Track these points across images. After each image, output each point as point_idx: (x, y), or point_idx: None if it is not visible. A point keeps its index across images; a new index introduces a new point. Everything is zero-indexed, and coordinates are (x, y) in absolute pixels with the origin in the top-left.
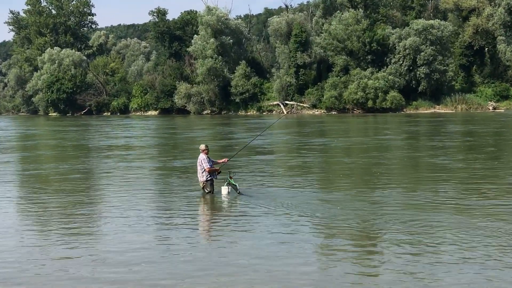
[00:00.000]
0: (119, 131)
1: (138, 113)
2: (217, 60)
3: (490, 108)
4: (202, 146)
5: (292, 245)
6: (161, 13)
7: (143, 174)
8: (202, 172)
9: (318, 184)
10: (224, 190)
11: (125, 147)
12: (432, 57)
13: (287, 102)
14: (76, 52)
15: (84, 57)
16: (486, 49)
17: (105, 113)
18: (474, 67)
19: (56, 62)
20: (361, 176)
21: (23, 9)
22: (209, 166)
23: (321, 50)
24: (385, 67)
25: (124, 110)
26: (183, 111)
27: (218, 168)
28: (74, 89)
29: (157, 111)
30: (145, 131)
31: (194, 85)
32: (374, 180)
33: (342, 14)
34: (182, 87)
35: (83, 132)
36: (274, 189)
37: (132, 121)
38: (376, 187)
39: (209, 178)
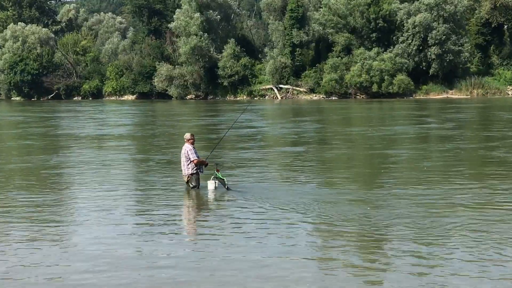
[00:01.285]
0: (91, 118)
1: (112, 98)
2: (202, 38)
3: (510, 93)
4: (187, 135)
5: (288, 247)
6: None
7: (118, 168)
8: (188, 164)
9: (347, 180)
10: (211, 184)
11: (98, 137)
12: (444, 36)
13: (281, 85)
14: (43, 28)
15: (52, 34)
16: (506, 26)
17: (76, 98)
18: (491, 47)
19: (20, 39)
20: (403, 171)
21: None
22: (196, 158)
23: (320, 27)
24: (392, 47)
25: (97, 94)
26: (164, 96)
27: (205, 160)
28: (40, 70)
29: (135, 96)
30: (121, 118)
31: (176, 66)
32: (419, 176)
33: None
34: (163, 69)
35: (51, 119)
36: (270, 184)
37: (106, 107)
38: (419, 183)
39: (195, 171)
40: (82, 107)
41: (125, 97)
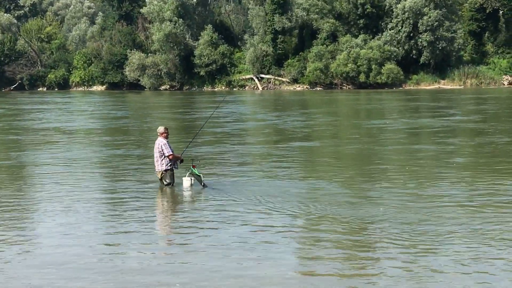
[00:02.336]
0: (56, 110)
1: (80, 88)
2: (177, 24)
3: (505, 83)
4: (161, 129)
5: (268, 249)
6: None
7: (86, 164)
8: (162, 160)
9: (368, 178)
10: (186, 182)
11: (65, 131)
12: (436, 22)
13: (262, 75)
14: (4, 13)
15: (14, 20)
16: (501, 12)
17: (40, 88)
18: (486, 34)
19: None
20: (427, 168)
21: None
22: (171, 152)
23: (304, 13)
24: (380, 34)
25: (64, 85)
26: (135, 86)
27: (180, 155)
28: (2, 58)
29: (104, 86)
30: (89, 110)
31: (149, 54)
32: (443, 173)
33: None
34: (135, 57)
35: (13, 112)
36: (254, 182)
37: (73, 98)
38: (441, 182)
39: (169, 168)
40: (47, 98)
41: (94, 88)
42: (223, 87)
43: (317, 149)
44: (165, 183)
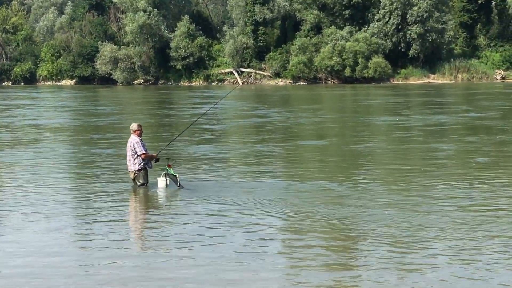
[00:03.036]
0: (21, 106)
1: (48, 83)
2: (152, 15)
3: (498, 77)
4: (134, 126)
5: (248, 250)
6: None
7: (54, 164)
8: (134, 159)
9: (382, 179)
10: (161, 182)
11: (32, 128)
12: (426, 13)
13: (242, 69)
14: None
15: None
16: (494, 2)
17: (5, 83)
18: (478, 26)
19: None
20: (445, 168)
21: None
22: (143, 151)
23: (286, 3)
24: (366, 25)
25: (30, 79)
26: (107, 81)
27: (155, 154)
28: None
29: (74, 80)
30: (57, 106)
31: (122, 46)
32: (462, 174)
33: None
34: (106, 50)
35: None
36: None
37: (40, 93)
38: (459, 182)
39: (142, 167)
40: (12, 93)
41: (63, 82)
42: (201, 82)
43: (325, 148)
44: (138, 183)
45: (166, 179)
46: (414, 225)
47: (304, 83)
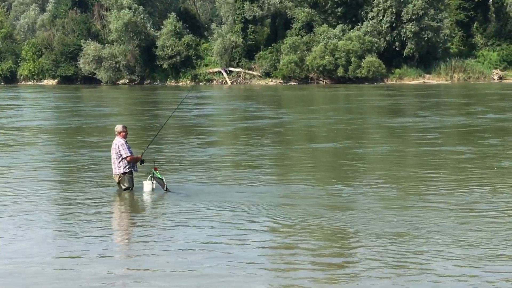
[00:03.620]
0: (3, 107)
1: (29, 83)
2: (137, 12)
3: (495, 77)
4: (119, 127)
5: (237, 261)
6: None
7: (36, 167)
8: (119, 162)
9: (393, 184)
10: (147, 186)
11: (11, 130)
12: (422, 11)
13: (231, 69)
14: None
15: None
16: (491, 0)
17: None
18: (475, 25)
19: None
20: (465, 173)
21: None
22: (129, 154)
23: (277, 0)
24: (360, 23)
25: (11, 79)
26: (91, 80)
27: (140, 156)
28: None
29: (56, 80)
30: (38, 107)
31: (106, 45)
32: (483, 178)
33: None
34: (90, 48)
35: None
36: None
37: (21, 93)
38: (480, 188)
39: (127, 170)
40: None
41: (45, 82)
42: (188, 82)
43: (339, 151)
44: (123, 187)
45: (152, 183)
46: (424, 232)
47: (295, 83)
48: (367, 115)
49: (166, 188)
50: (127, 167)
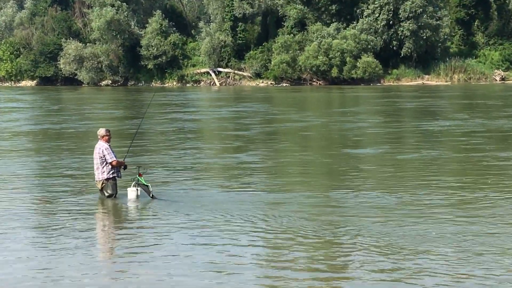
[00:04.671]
0: None
1: (7, 84)
2: (120, 10)
3: (497, 78)
4: (102, 131)
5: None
6: None
7: (13, 174)
8: (103, 167)
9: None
10: (131, 193)
11: None
12: (420, 8)
13: (220, 69)
14: None
15: None
16: None
17: None
18: (475, 23)
19: None
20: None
21: None
22: (114, 158)
23: None
24: (355, 21)
25: None
26: (72, 81)
27: (123, 161)
28: None
29: (35, 81)
30: (16, 110)
31: (88, 44)
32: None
33: None
34: (71, 48)
35: None
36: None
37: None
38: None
39: (111, 176)
40: None
41: (23, 83)
42: (175, 83)
43: (381, 157)
44: (106, 194)
45: (137, 189)
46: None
47: (287, 84)
48: (403, 118)
49: (152, 195)
50: (111, 172)
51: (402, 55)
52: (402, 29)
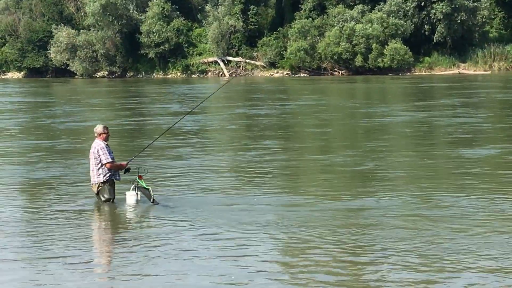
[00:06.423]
0: None
1: None
2: None
3: None
4: (99, 128)
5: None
6: None
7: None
8: (99, 169)
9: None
10: (131, 197)
11: None
12: None
13: (229, 58)
14: None
15: None
16: None
17: None
18: None
19: None
20: None
21: None
22: (110, 160)
23: None
24: (382, 3)
25: None
26: (64, 73)
27: (125, 163)
28: None
29: (22, 73)
30: (4, 103)
31: (81, 31)
32: None
33: None
34: (62, 35)
35: None
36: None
37: None
38: None
39: (108, 179)
40: None
41: (9, 75)
42: (179, 74)
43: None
44: (102, 199)
45: (137, 194)
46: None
47: (305, 75)
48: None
49: (153, 199)
50: (108, 175)
51: (434, 41)
52: (434, 11)
